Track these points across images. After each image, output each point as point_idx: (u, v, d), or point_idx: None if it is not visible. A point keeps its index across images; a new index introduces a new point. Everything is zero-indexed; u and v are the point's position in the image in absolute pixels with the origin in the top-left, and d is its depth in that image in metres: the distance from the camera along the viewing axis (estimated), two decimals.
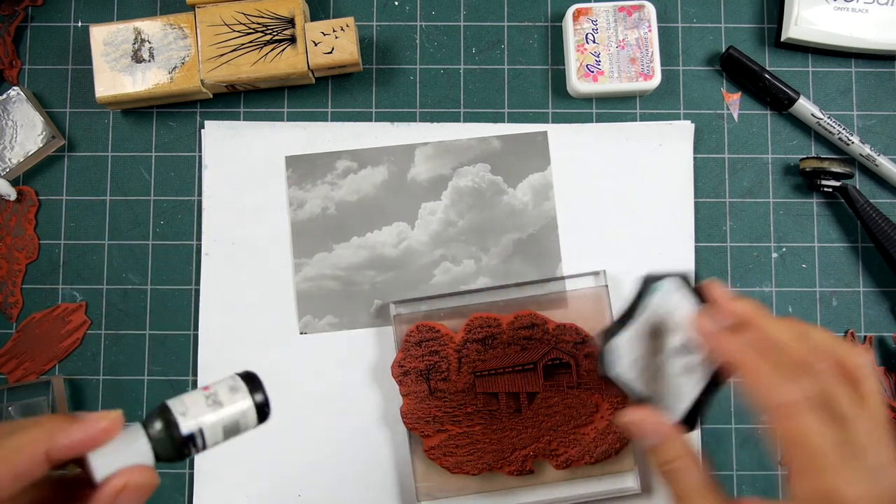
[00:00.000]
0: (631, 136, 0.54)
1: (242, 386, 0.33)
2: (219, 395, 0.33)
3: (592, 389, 0.50)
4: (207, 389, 0.33)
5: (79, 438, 0.29)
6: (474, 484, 0.51)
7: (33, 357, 0.53)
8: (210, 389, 0.33)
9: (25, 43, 0.55)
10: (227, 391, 0.33)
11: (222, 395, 0.33)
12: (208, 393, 0.33)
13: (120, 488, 0.29)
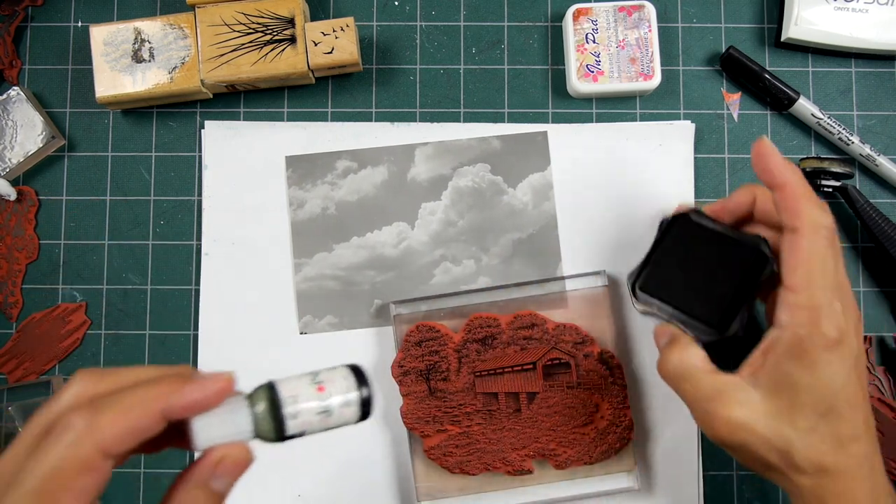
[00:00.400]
0: (631, 136, 0.54)
1: (352, 381, 0.32)
2: (327, 385, 0.32)
3: (592, 389, 0.50)
4: (317, 377, 0.32)
5: (194, 399, 0.29)
6: (474, 484, 0.51)
7: (33, 357, 0.53)
8: (320, 377, 0.32)
9: (25, 43, 0.55)
10: (335, 383, 0.32)
11: (330, 387, 0.32)
12: (317, 381, 0.32)
13: (219, 460, 0.29)
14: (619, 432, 0.50)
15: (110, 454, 0.27)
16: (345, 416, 0.32)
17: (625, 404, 0.50)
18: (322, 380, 0.32)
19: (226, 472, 0.29)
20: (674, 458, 0.52)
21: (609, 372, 0.50)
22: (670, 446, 0.52)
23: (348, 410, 0.32)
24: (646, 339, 0.53)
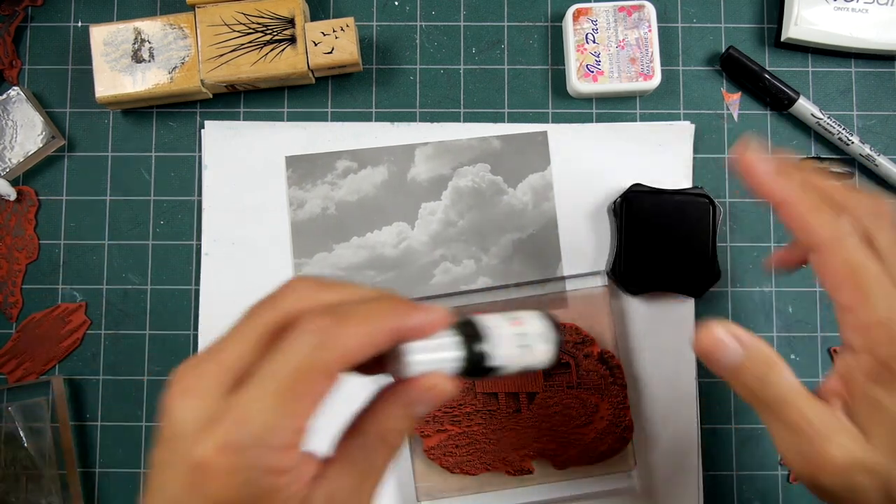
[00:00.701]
0: (631, 136, 0.54)
1: (547, 322, 0.33)
2: (523, 322, 0.33)
3: (592, 389, 0.50)
4: (512, 315, 0.33)
5: (420, 323, 0.29)
6: (474, 484, 0.51)
7: (33, 357, 0.53)
8: (515, 315, 0.33)
9: (25, 43, 0.55)
10: (531, 322, 0.33)
11: (526, 324, 0.33)
12: (513, 317, 0.33)
13: (431, 387, 0.29)
14: (618, 432, 0.50)
15: (349, 363, 0.27)
16: (540, 355, 0.33)
17: (625, 404, 0.50)
18: (517, 317, 0.33)
19: (432, 398, 0.29)
20: (674, 458, 0.52)
21: (609, 372, 0.50)
22: (670, 446, 0.52)
23: (544, 348, 0.33)
24: (646, 338, 0.53)
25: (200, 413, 0.25)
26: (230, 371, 0.26)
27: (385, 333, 0.28)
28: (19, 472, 0.52)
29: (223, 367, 0.26)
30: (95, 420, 0.53)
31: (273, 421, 0.25)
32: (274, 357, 0.26)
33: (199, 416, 0.25)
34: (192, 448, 0.25)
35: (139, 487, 0.52)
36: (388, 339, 0.28)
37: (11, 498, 0.52)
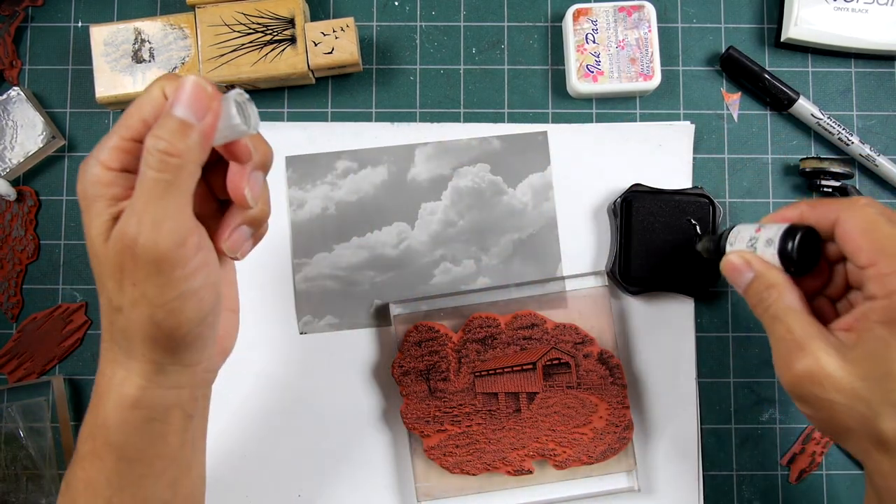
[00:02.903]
0: (631, 136, 0.54)
1: (777, 240, 0.38)
2: (758, 241, 0.40)
3: (592, 389, 0.50)
4: (759, 231, 0.40)
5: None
6: (474, 484, 0.51)
7: (33, 357, 0.53)
8: (760, 231, 0.40)
9: (25, 43, 0.55)
10: (765, 240, 0.39)
11: (760, 242, 0.40)
12: (755, 235, 0.40)
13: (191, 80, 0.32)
14: (618, 432, 0.50)
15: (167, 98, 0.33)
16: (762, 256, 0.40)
17: (624, 404, 0.50)
18: (762, 225, 0.41)
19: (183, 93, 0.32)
20: (674, 458, 0.52)
21: (609, 372, 0.50)
22: (670, 446, 0.52)
23: (769, 247, 0.39)
24: (646, 338, 0.53)
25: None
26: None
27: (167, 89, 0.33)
28: (19, 472, 0.52)
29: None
30: None
31: (113, 129, 0.33)
32: None
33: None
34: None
35: None
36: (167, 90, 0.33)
37: (11, 498, 0.52)
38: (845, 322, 0.36)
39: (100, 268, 0.33)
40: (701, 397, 0.53)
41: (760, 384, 0.53)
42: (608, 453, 0.50)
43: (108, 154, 0.33)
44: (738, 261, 0.40)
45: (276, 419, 0.52)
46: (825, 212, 0.38)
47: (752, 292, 0.39)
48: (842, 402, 0.35)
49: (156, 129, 0.32)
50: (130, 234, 0.31)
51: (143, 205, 0.31)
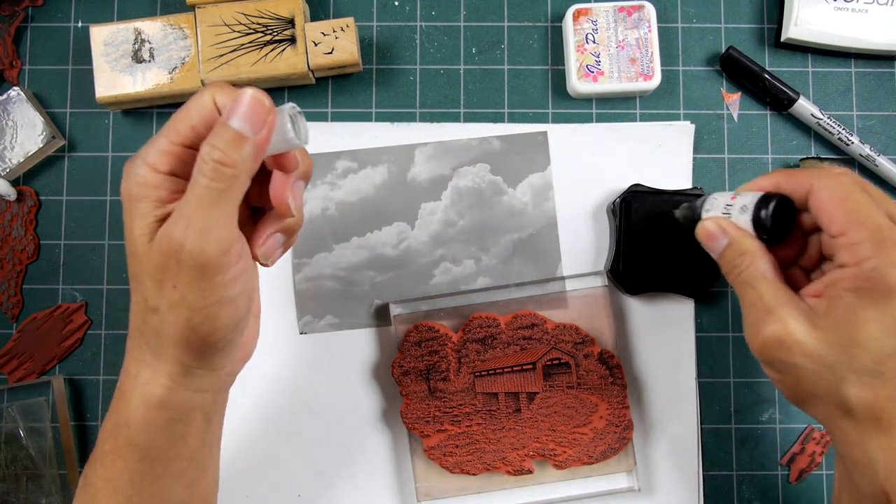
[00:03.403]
0: (631, 136, 0.54)
1: (752, 207, 0.39)
2: (733, 207, 0.40)
3: (592, 389, 0.50)
4: (734, 199, 0.40)
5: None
6: (474, 484, 0.51)
7: (33, 357, 0.53)
8: (735, 199, 0.40)
9: (25, 43, 0.55)
10: (740, 207, 0.40)
11: (735, 209, 0.40)
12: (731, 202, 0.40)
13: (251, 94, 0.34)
14: (618, 432, 0.50)
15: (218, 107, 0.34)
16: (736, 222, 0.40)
17: (624, 404, 0.50)
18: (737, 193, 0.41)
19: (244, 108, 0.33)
20: (674, 458, 0.52)
21: (609, 372, 0.50)
22: (670, 446, 0.52)
23: (743, 214, 0.39)
24: (646, 338, 0.53)
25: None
26: None
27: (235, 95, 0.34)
28: (19, 472, 0.52)
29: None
30: (96, 420, 0.53)
31: (160, 132, 0.34)
32: None
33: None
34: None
35: None
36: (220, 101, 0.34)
37: (11, 498, 0.52)
38: (815, 289, 0.37)
39: (140, 267, 0.34)
40: (701, 397, 0.53)
41: (760, 384, 0.53)
42: (608, 453, 0.50)
43: (156, 157, 0.34)
44: (712, 227, 0.40)
45: (275, 419, 0.52)
46: (800, 181, 0.38)
47: (726, 258, 0.40)
48: (808, 367, 0.35)
49: (212, 138, 0.32)
50: (177, 238, 0.32)
51: (192, 211, 0.32)
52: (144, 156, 0.34)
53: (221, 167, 0.32)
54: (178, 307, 0.33)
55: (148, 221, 0.33)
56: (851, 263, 0.35)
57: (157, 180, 0.33)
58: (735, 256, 0.39)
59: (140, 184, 0.33)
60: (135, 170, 0.34)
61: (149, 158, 0.34)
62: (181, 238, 0.32)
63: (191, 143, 0.34)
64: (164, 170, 0.34)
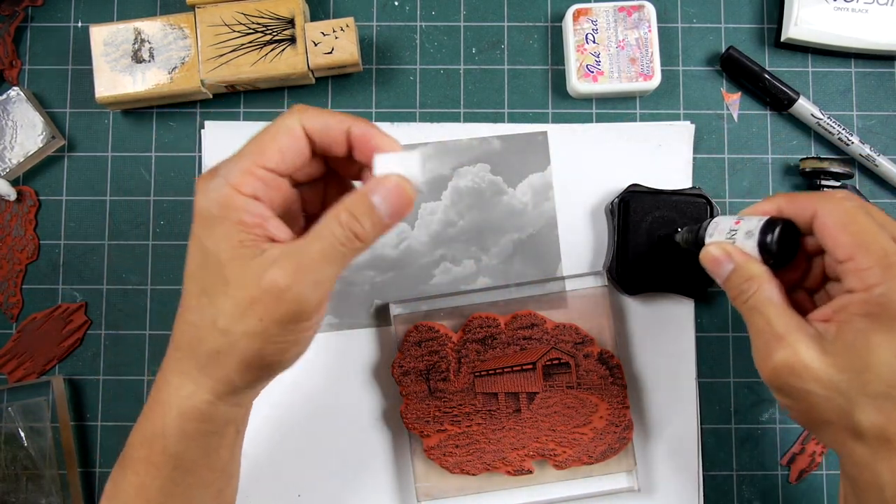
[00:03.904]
0: (631, 136, 0.54)
1: (757, 232, 0.38)
2: (738, 233, 0.40)
3: (592, 389, 0.50)
4: (738, 224, 0.40)
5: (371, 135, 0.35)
6: (474, 484, 0.51)
7: (33, 357, 0.53)
8: (740, 223, 0.40)
9: (25, 43, 0.55)
10: (745, 232, 0.39)
11: (740, 234, 0.39)
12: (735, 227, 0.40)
13: (396, 182, 0.34)
14: (618, 432, 0.50)
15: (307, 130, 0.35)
16: (742, 247, 0.39)
17: (624, 404, 0.50)
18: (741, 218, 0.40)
19: (388, 189, 0.34)
20: (674, 458, 0.52)
21: (609, 372, 0.50)
22: (670, 446, 0.52)
23: (748, 240, 0.39)
24: (645, 338, 0.53)
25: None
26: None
27: (339, 124, 0.35)
28: (19, 472, 0.52)
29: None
30: (95, 420, 0.53)
31: (244, 151, 0.35)
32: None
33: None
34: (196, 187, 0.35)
35: None
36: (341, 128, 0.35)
37: (11, 498, 0.52)
38: (823, 313, 0.36)
39: (219, 289, 0.33)
40: (701, 397, 0.53)
41: (760, 384, 0.53)
42: (608, 453, 0.50)
43: (240, 177, 0.34)
44: (717, 252, 0.40)
45: (275, 419, 0.52)
46: (803, 205, 0.38)
47: (732, 284, 0.39)
48: (820, 393, 0.35)
49: (354, 208, 0.33)
50: (286, 283, 0.32)
51: (312, 263, 0.33)
52: (227, 175, 0.34)
53: (355, 239, 0.33)
54: (255, 337, 0.33)
55: (231, 245, 0.33)
56: (860, 289, 0.34)
57: (240, 202, 0.33)
58: (742, 281, 0.38)
59: (222, 204, 0.33)
60: (215, 187, 0.34)
61: (232, 178, 0.33)
62: (289, 283, 0.32)
63: (274, 167, 0.34)
64: (248, 192, 0.33)
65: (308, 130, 0.35)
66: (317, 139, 0.35)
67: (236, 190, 0.33)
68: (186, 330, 0.35)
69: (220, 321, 0.33)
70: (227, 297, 0.33)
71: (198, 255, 0.34)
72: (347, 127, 0.35)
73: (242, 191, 0.33)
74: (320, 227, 0.33)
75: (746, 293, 0.38)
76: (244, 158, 0.34)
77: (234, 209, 0.33)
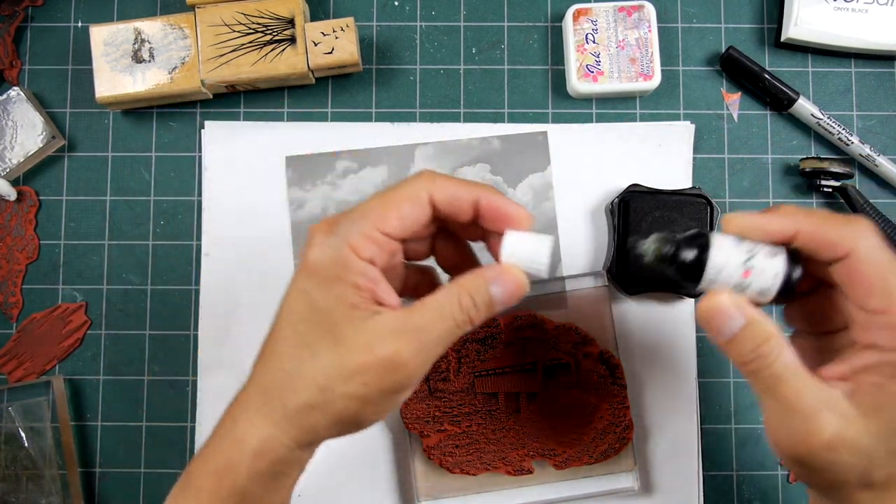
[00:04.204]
0: (631, 136, 0.54)
1: (782, 254, 0.34)
2: (756, 252, 0.34)
3: (592, 389, 0.50)
4: (750, 261, 0.34)
5: (506, 207, 0.35)
6: (474, 484, 0.51)
7: (33, 357, 0.53)
8: (752, 262, 0.34)
9: (25, 43, 0.55)
10: (764, 274, 0.34)
11: (757, 277, 0.34)
12: (748, 247, 0.34)
13: (513, 275, 0.35)
14: (618, 432, 0.50)
15: (434, 200, 0.34)
16: (755, 298, 0.34)
17: (624, 404, 0.50)
18: (753, 266, 0.34)
19: (508, 283, 0.34)
20: (674, 458, 0.52)
21: (609, 372, 0.50)
22: (670, 446, 0.52)
23: (761, 298, 0.34)
24: (646, 338, 0.53)
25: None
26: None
27: (468, 195, 0.35)
28: (19, 472, 0.52)
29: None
30: (95, 420, 0.53)
31: (366, 212, 0.34)
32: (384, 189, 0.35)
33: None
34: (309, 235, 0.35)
35: (139, 487, 0.52)
36: (470, 199, 0.35)
37: (11, 498, 0.52)
38: (839, 371, 0.33)
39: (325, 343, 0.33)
40: (701, 397, 0.53)
41: None
42: (608, 453, 0.50)
43: (360, 240, 0.33)
44: (730, 305, 0.34)
45: None
46: (832, 239, 0.33)
47: (743, 346, 0.34)
48: (848, 461, 0.33)
49: (476, 294, 0.34)
50: (404, 358, 0.33)
51: (430, 342, 0.33)
52: (347, 235, 0.33)
53: (469, 323, 0.34)
54: (355, 400, 0.33)
55: (344, 306, 0.33)
56: (892, 348, 0.32)
57: (359, 266, 0.33)
58: (758, 344, 0.33)
59: (341, 265, 0.33)
60: (334, 245, 0.34)
61: (351, 240, 0.33)
62: (409, 359, 0.33)
63: (391, 232, 0.34)
64: (365, 256, 0.33)
65: (434, 200, 0.34)
66: (441, 208, 0.35)
67: (355, 253, 0.33)
68: (279, 377, 0.34)
69: (320, 378, 0.33)
70: (335, 356, 0.33)
71: (304, 306, 0.34)
72: (476, 197, 0.35)
73: (361, 254, 0.33)
74: (440, 305, 0.34)
75: (767, 357, 0.33)
76: (365, 220, 0.34)
77: (351, 272, 0.33)
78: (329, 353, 0.33)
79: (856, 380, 0.33)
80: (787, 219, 0.34)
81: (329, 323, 0.33)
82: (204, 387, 0.52)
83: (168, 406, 0.53)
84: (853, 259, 0.33)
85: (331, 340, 0.33)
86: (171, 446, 0.53)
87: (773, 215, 0.34)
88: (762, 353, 0.33)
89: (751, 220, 0.35)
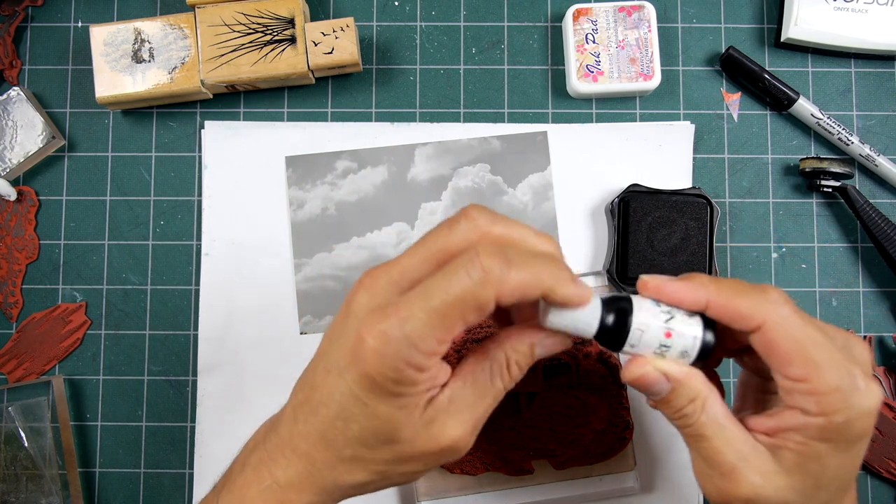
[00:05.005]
0: (631, 136, 0.54)
1: (699, 335, 0.34)
2: (675, 336, 0.34)
3: (592, 390, 0.50)
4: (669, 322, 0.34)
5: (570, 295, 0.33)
6: (474, 484, 0.51)
7: (33, 357, 0.53)
8: (672, 325, 0.34)
9: (25, 43, 0.55)
10: (684, 337, 0.34)
11: (677, 340, 0.34)
12: (668, 326, 0.34)
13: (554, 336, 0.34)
14: (618, 432, 0.50)
15: (500, 304, 0.31)
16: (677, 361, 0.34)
17: (624, 405, 0.50)
18: (673, 328, 0.34)
19: (551, 346, 0.34)
20: (674, 458, 0.52)
21: (609, 372, 0.50)
22: (670, 446, 0.52)
23: (683, 359, 0.34)
24: None
25: (373, 303, 0.32)
26: (402, 278, 0.32)
27: (538, 291, 0.32)
28: (19, 472, 0.52)
29: (397, 274, 0.32)
30: (95, 420, 0.53)
31: (423, 331, 0.30)
32: (442, 278, 0.31)
33: (371, 304, 0.32)
34: (360, 326, 0.31)
35: (139, 487, 0.52)
36: (539, 295, 0.32)
37: (11, 498, 0.52)
38: (766, 426, 0.34)
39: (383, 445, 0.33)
40: None
41: None
42: (608, 453, 0.50)
43: (433, 346, 0.31)
44: (652, 374, 0.34)
45: None
46: (743, 313, 0.33)
47: (672, 406, 0.35)
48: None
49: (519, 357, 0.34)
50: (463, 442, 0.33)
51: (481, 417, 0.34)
52: (418, 341, 0.30)
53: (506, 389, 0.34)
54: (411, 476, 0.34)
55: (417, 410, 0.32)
56: (817, 413, 0.32)
57: (433, 370, 0.32)
58: (685, 403, 0.34)
59: (415, 369, 0.31)
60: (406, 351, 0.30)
61: (424, 346, 0.30)
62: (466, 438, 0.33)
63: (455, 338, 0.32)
64: (433, 366, 0.32)
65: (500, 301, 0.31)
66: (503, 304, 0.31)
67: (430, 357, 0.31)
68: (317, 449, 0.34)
69: (380, 465, 0.34)
70: (392, 451, 0.33)
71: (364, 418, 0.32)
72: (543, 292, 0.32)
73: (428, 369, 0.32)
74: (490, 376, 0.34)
75: (692, 416, 0.34)
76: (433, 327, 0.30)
77: (424, 375, 0.32)
78: (387, 451, 0.33)
79: (782, 437, 0.34)
80: (699, 290, 0.34)
81: (390, 431, 0.32)
82: (204, 387, 0.52)
83: (168, 406, 0.53)
84: (767, 331, 0.33)
85: (388, 440, 0.33)
86: (171, 446, 0.53)
87: (685, 284, 0.35)
88: (686, 413, 0.34)
89: (664, 286, 0.35)
